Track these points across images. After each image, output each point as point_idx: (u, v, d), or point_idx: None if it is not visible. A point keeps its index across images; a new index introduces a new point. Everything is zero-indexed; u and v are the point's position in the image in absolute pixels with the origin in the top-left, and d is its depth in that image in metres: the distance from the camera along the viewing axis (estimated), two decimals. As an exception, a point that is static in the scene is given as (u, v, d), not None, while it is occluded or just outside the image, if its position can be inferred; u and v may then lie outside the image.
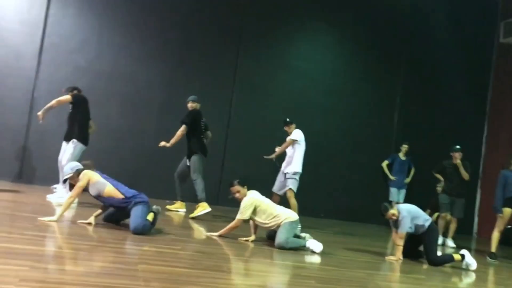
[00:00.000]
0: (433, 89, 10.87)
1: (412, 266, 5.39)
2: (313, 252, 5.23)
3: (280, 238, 5.19)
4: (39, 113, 6.67)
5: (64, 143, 6.86)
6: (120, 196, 5.00)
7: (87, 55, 9.11)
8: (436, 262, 5.56)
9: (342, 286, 3.84)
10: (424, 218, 5.65)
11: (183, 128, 7.33)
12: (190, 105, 7.62)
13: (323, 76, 10.38)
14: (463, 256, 5.58)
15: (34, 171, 8.68)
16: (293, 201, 7.49)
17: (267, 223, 5.35)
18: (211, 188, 9.64)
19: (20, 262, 3.16)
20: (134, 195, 5.06)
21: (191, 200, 7.59)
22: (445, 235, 8.18)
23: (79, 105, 6.88)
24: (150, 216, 5.01)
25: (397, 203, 10.00)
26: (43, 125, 8.41)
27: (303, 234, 5.62)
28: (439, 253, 5.83)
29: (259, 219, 5.36)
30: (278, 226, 5.30)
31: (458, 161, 8.04)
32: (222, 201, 9.54)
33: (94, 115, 8.91)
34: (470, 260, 5.56)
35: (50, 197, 6.54)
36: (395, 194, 9.97)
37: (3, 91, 8.53)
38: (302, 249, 5.30)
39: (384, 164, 10.17)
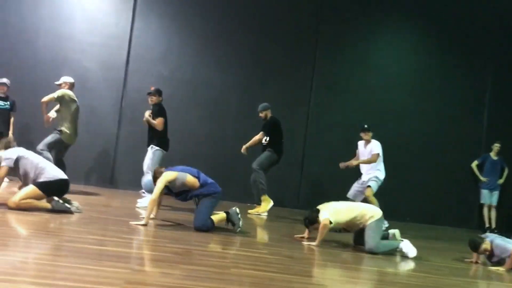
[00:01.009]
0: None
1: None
2: (405, 257, 5.05)
3: (369, 243, 5.06)
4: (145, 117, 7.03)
5: (148, 149, 7.14)
6: (197, 183, 5.19)
7: (169, 64, 9.46)
8: None
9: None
10: None
11: (260, 135, 7.54)
12: (262, 115, 7.79)
13: (406, 75, 10.03)
14: None
15: (124, 176, 9.13)
16: (372, 199, 7.33)
17: (352, 224, 5.22)
18: (291, 191, 9.68)
19: (122, 264, 3.32)
20: (209, 183, 5.24)
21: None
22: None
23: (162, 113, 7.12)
24: (220, 217, 5.19)
25: (489, 207, 9.45)
26: (132, 134, 8.92)
27: (391, 231, 5.41)
28: None
29: (343, 222, 5.24)
30: (364, 226, 5.16)
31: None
32: (302, 204, 9.52)
33: (176, 121, 9.29)
34: None
35: (140, 202, 6.84)
36: (487, 196, 9.41)
37: (94, 101, 9.06)
38: (393, 252, 5.15)
39: (474, 164, 9.64)
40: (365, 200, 7.17)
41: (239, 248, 4.51)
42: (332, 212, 5.09)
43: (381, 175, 7.49)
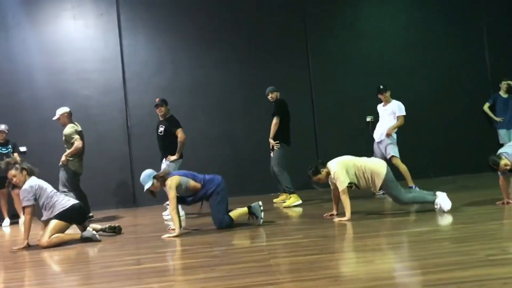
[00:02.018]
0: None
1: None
2: (440, 211, 5.04)
3: (399, 199, 5.08)
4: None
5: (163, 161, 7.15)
6: (199, 185, 5.27)
7: (166, 75, 9.48)
8: None
9: (478, 241, 3.67)
10: None
11: (275, 120, 7.31)
12: (272, 96, 7.61)
13: (400, 34, 9.90)
14: None
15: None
16: (402, 166, 7.27)
17: (360, 177, 5.28)
18: (305, 174, 9.62)
19: (164, 278, 3.37)
20: (207, 181, 5.33)
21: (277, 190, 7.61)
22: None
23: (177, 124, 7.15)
24: (240, 212, 5.33)
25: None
26: (144, 150, 8.97)
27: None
28: None
29: (361, 182, 5.29)
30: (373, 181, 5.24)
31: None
32: (323, 183, 9.50)
33: (185, 129, 9.29)
34: None
35: (165, 214, 6.89)
36: (505, 135, 9.29)
37: (101, 126, 9.13)
38: (428, 204, 5.16)
39: (486, 106, 9.54)
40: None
41: (273, 238, 4.54)
42: (338, 163, 5.25)
43: (394, 135, 7.47)
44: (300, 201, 7.15)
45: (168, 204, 7.34)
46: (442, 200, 5.12)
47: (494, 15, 9.98)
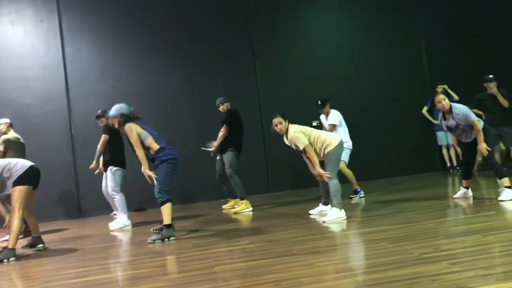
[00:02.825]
0: (457, 20, 10.50)
1: (480, 206, 5.32)
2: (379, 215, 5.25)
3: (328, 176, 5.33)
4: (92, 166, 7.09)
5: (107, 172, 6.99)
6: (157, 147, 5.25)
7: (110, 81, 9.34)
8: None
9: (414, 240, 3.84)
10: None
11: (224, 130, 7.36)
12: (223, 107, 7.61)
13: (341, 39, 10.24)
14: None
15: (90, 204, 8.99)
16: (347, 171, 7.46)
17: (320, 151, 5.43)
18: (260, 177, 9.77)
19: (107, 290, 3.33)
20: (167, 148, 5.30)
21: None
22: (505, 167, 7.96)
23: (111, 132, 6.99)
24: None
25: (447, 147, 9.85)
26: (89, 159, 8.75)
27: None
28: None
29: (316, 147, 5.44)
30: (323, 155, 5.42)
31: (494, 90, 7.76)
32: (273, 187, 9.65)
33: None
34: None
35: (112, 225, 6.77)
36: (443, 137, 9.77)
37: (43, 135, 8.86)
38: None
39: (424, 110, 9.98)
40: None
41: (219, 245, 4.56)
42: (296, 127, 5.49)
43: (347, 141, 7.64)
44: (250, 208, 7.21)
45: (115, 214, 7.25)
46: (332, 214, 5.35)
47: (430, 24, 10.48)
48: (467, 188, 5.97)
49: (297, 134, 5.41)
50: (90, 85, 9.27)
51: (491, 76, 7.88)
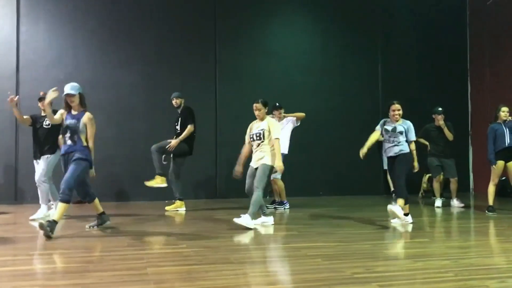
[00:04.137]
0: (412, 53, 10.91)
1: (416, 231, 5.49)
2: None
3: (255, 185, 5.64)
4: None
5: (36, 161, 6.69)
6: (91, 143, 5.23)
7: (65, 67, 9.05)
8: (402, 189, 5.86)
9: (348, 259, 3.91)
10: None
11: (191, 128, 7.45)
12: (177, 102, 7.62)
13: (303, 57, 10.39)
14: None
15: (29, 189, 8.63)
16: (280, 183, 7.68)
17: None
18: (208, 183, 9.72)
19: (32, 282, 3.19)
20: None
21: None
22: (443, 197, 8.31)
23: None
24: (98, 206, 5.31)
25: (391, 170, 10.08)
26: (31, 144, 8.44)
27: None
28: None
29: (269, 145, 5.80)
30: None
31: (441, 122, 8.09)
32: (220, 193, 9.62)
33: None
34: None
35: (34, 217, 6.46)
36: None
37: (-14, 115, 8.47)
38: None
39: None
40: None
41: (155, 246, 4.49)
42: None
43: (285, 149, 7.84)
44: (184, 208, 7.43)
45: (52, 204, 6.99)
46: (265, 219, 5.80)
47: (389, 51, 10.79)
48: (406, 214, 6.00)
49: (277, 124, 5.92)
50: (43, 68, 8.95)
51: (440, 108, 8.21)
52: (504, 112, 6.97)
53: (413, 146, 6.09)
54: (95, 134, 5.29)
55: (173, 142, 7.38)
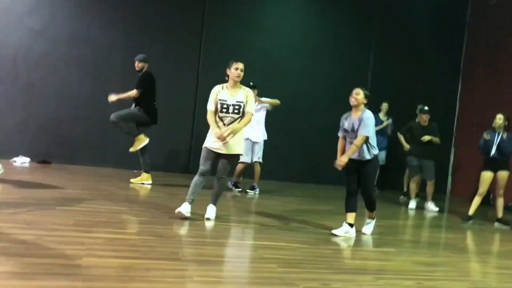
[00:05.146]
0: (406, 47, 10.46)
1: (384, 237, 5.24)
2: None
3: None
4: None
5: None
6: None
7: (41, 18, 8.49)
8: (371, 199, 5.09)
9: (305, 268, 3.63)
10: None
11: (135, 92, 7.06)
12: (139, 65, 7.24)
13: (295, 36, 9.89)
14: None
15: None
16: (258, 167, 7.49)
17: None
18: (181, 157, 9.36)
19: None
20: None
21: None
22: (417, 198, 8.08)
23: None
24: None
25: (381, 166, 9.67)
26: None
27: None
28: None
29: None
30: None
31: (426, 122, 7.84)
32: (193, 169, 9.23)
33: (52, 81, 8.52)
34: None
35: None
36: (381, 157, 9.58)
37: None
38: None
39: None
40: None
41: (103, 229, 4.12)
42: None
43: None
44: (150, 181, 7.15)
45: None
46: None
47: (382, 40, 10.36)
48: (351, 225, 4.98)
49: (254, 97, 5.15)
50: (17, 16, 8.37)
51: (426, 107, 7.90)
52: (498, 119, 6.70)
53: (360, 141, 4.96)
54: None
55: (111, 97, 7.15)
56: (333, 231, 4.94)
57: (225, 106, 4.98)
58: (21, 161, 8.03)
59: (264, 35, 9.64)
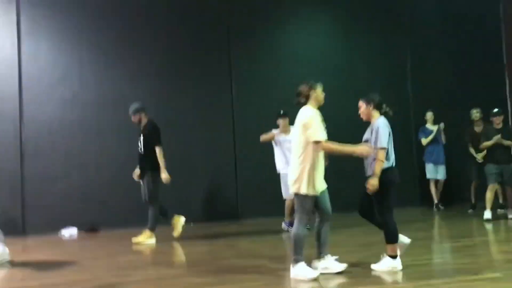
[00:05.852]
0: (443, 50, 10.02)
1: (477, 262, 4.63)
2: None
3: None
4: None
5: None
6: None
7: (71, 85, 8.43)
8: (385, 226, 4.36)
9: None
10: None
11: (159, 151, 6.50)
12: (138, 117, 6.72)
13: (326, 58, 9.51)
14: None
15: (36, 219, 8.01)
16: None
17: None
18: (229, 202, 8.87)
19: None
20: None
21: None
22: (500, 207, 7.51)
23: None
24: None
25: (436, 181, 9.02)
26: (40, 170, 7.91)
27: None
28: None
29: None
30: None
31: (500, 126, 7.37)
32: (243, 214, 8.83)
33: (92, 147, 8.32)
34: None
35: None
36: (433, 170, 8.93)
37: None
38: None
39: (425, 142, 9.07)
40: None
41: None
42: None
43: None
44: (153, 241, 6.53)
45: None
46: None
47: (417, 47, 9.94)
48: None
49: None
50: (48, 87, 8.34)
51: (496, 109, 7.60)
52: None
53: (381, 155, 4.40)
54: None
55: (164, 176, 6.48)
56: (372, 266, 4.32)
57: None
58: (69, 233, 7.79)
59: (293, 63, 9.30)
